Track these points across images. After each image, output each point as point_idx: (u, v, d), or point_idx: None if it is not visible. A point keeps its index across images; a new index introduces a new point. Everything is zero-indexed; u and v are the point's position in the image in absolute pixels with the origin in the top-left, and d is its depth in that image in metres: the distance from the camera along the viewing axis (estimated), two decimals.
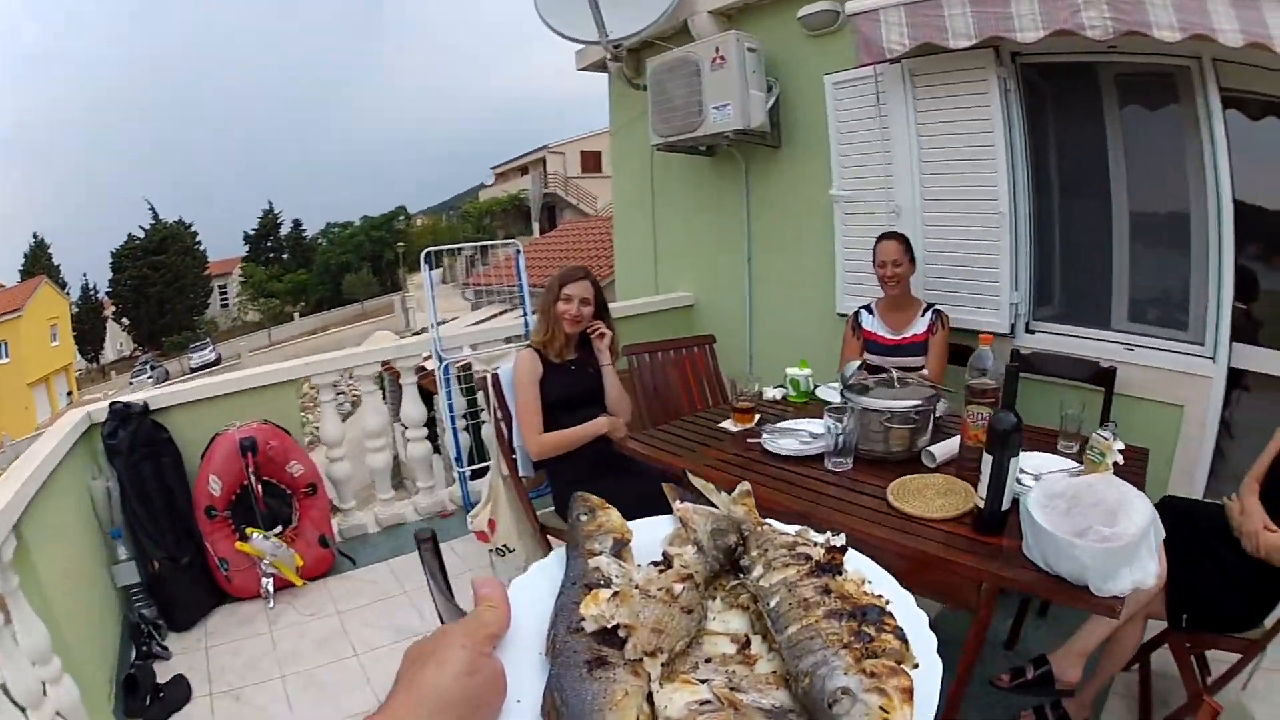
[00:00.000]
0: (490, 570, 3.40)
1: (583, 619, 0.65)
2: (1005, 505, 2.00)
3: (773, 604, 0.69)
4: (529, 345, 3.29)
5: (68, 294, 33.44)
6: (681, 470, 2.40)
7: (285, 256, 45.19)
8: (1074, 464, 2.40)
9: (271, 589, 3.68)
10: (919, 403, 2.60)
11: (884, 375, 2.84)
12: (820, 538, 0.79)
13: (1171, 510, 2.31)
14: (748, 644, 0.69)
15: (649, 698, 0.61)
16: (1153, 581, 1.69)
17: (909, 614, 0.69)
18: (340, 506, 4.48)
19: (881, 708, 0.56)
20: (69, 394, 29.19)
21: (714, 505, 0.89)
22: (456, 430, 4.62)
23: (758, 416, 3.14)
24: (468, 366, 4.61)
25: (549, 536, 3.25)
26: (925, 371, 3.38)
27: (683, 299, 5.70)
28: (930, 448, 2.58)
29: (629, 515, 0.87)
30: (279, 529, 3.84)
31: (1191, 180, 3.32)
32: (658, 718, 0.59)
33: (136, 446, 3.52)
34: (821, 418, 2.66)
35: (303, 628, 3.44)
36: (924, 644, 0.66)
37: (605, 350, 3.32)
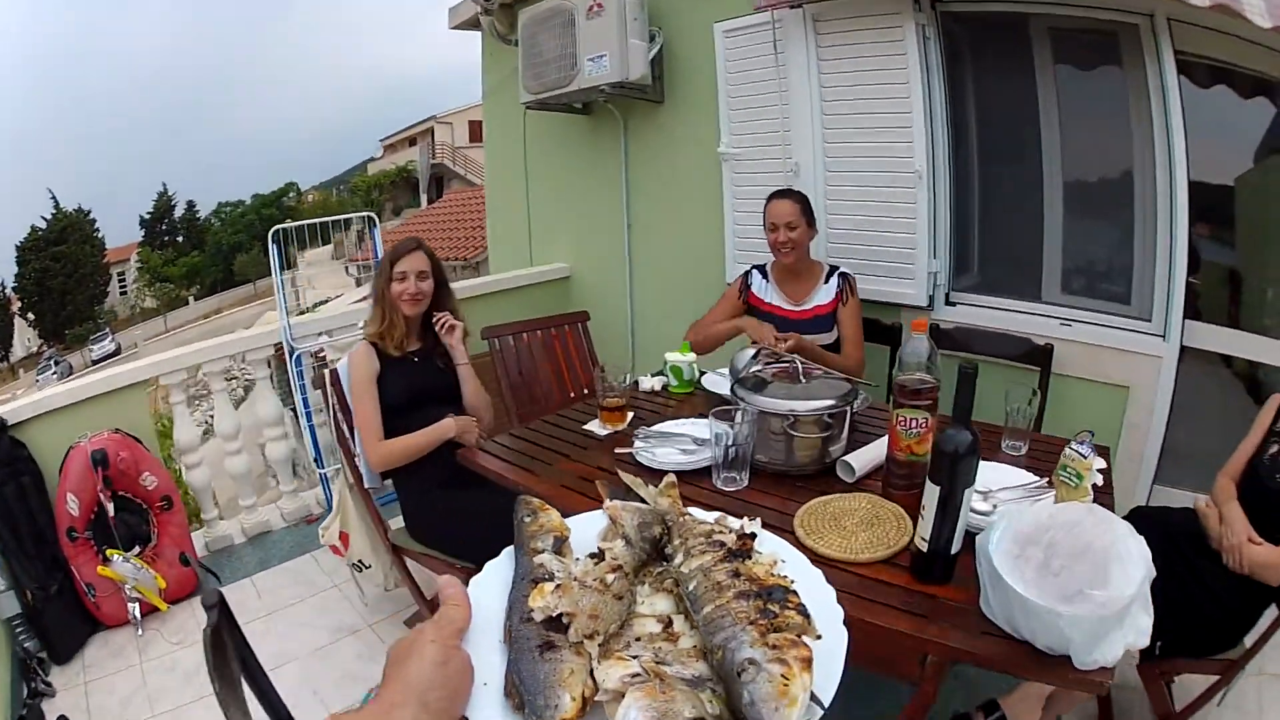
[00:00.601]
0: (354, 584, 3.11)
1: (532, 610, 0.73)
2: (956, 548, 1.52)
3: (690, 587, 0.78)
4: (364, 339, 2.81)
5: None
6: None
7: (180, 239, 42.95)
8: (1033, 478, 1.92)
9: (139, 615, 3.31)
10: (832, 402, 2.07)
11: (784, 362, 2.33)
12: (736, 524, 0.89)
13: (1145, 524, 1.48)
14: (671, 624, 0.78)
15: (591, 673, 0.69)
16: (1146, 640, 1.25)
17: (817, 591, 0.79)
18: (203, 517, 4.07)
19: (783, 675, 0.63)
20: None
21: (642, 498, 1.00)
22: (314, 427, 4.17)
23: (631, 415, 2.63)
24: (324, 356, 4.16)
25: (405, 558, 2.85)
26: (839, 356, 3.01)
27: (557, 271, 5.24)
28: (847, 457, 2.06)
29: (488, 533, 1.01)
30: (138, 549, 3.44)
31: (1137, 147, 2.97)
32: (598, 690, 0.67)
33: None
34: (709, 415, 2.09)
35: (172, 658, 3.11)
36: (830, 617, 0.75)
37: (459, 348, 2.88)
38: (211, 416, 4.77)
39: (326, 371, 2.88)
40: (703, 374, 2.95)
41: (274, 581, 3.62)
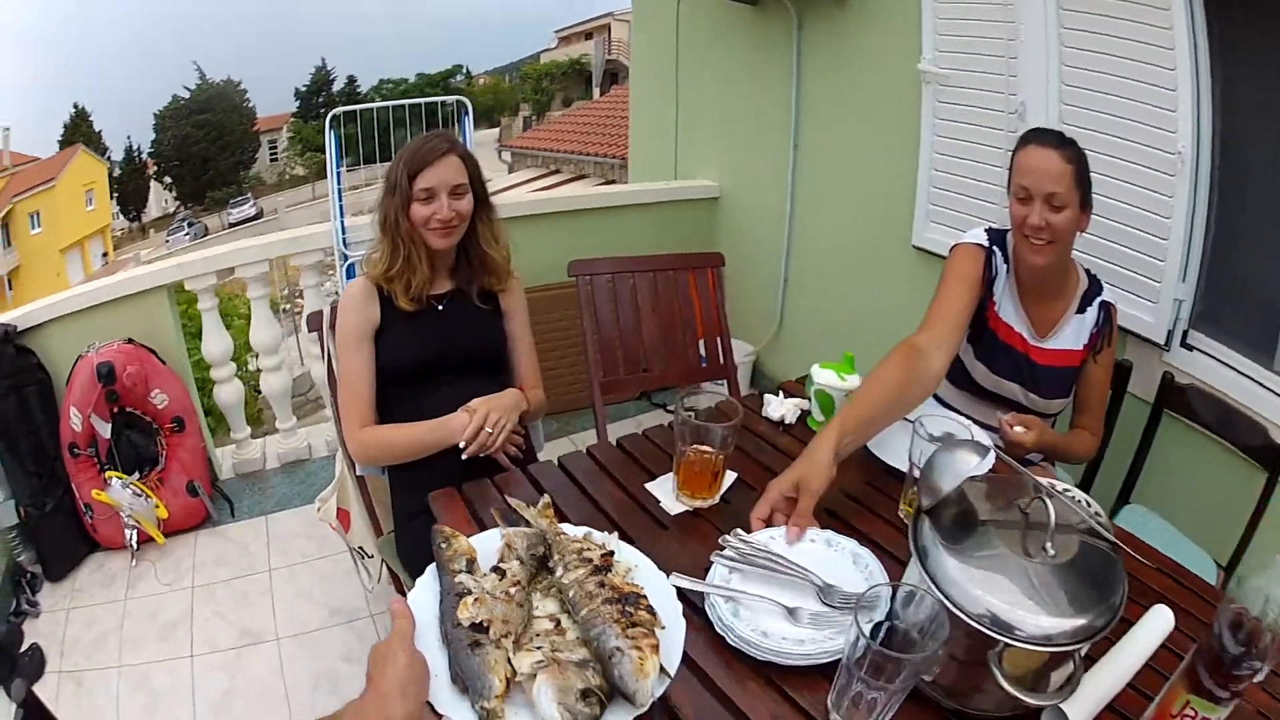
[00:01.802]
0: (355, 570, 2.72)
1: (460, 619, 1.11)
2: None
3: (570, 595, 1.18)
4: (364, 276, 2.22)
5: (108, 159, 34.07)
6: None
7: (344, 114, 44.87)
8: None
9: (135, 543, 3.30)
10: (1099, 622, 1.12)
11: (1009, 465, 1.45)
12: (600, 539, 1.33)
13: None
14: (559, 622, 1.18)
15: (509, 661, 1.08)
16: None
17: (662, 592, 1.24)
18: (234, 437, 3.95)
19: (639, 658, 1.04)
20: (104, 255, 29.87)
21: (527, 520, 1.43)
22: None
23: (730, 479, 1.79)
24: None
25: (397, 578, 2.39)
26: (1063, 437, 2.20)
27: (704, 190, 4.71)
28: (1066, 705, 1.16)
29: None
30: (144, 471, 3.42)
31: None
32: (516, 674, 1.06)
33: (0, 379, 3.17)
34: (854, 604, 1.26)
35: (156, 603, 3.08)
36: (671, 610, 1.19)
37: (519, 304, 2.36)
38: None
39: (324, 310, 2.34)
40: None
41: (289, 527, 3.48)
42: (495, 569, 1.24)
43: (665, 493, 1.75)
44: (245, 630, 2.92)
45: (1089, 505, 1.45)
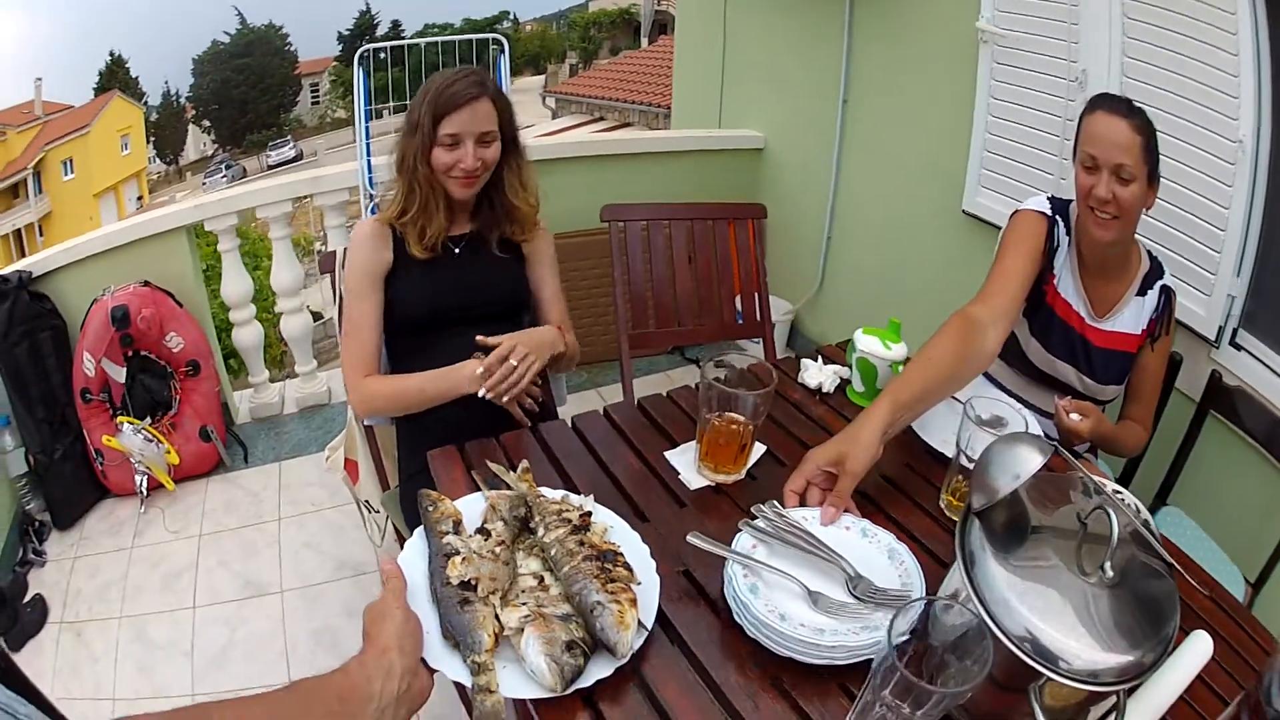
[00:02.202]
0: (362, 521, 2.70)
1: (449, 577, 1.18)
2: None
3: (552, 553, 1.26)
4: (376, 220, 2.07)
5: (145, 104, 34.70)
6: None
7: (382, 56, 45.04)
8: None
9: (145, 489, 3.31)
10: (1149, 658, 1.01)
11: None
12: (577, 500, 1.41)
13: None
14: (543, 579, 1.25)
15: (496, 617, 1.14)
16: None
17: (635, 549, 1.31)
18: (252, 380, 3.94)
19: (619, 611, 1.13)
20: (139, 199, 30.46)
21: (508, 484, 1.47)
22: None
23: (760, 451, 1.68)
24: None
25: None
26: (1116, 427, 2.12)
27: (749, 140, 4.54)
28: None
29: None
30: (157, 415, 3.43)
31: None
32: (504, 628, 1.13)
33: (14, 325, 3.17)
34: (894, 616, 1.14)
35: (161, 551, 3.10)
36: (646, 567, 1.28)
37: (545, 250, 2.22)
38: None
39: (337, 252, 2.25)
40: None
41: (301, 474, 3.46)
42: (480, 530, 1.30)
43: (686, 464, 1.63)
44: (249, 581, 2.91)
45: (1139, 513, 1.32)
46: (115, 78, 36.20)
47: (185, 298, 3.44)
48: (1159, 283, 2.07)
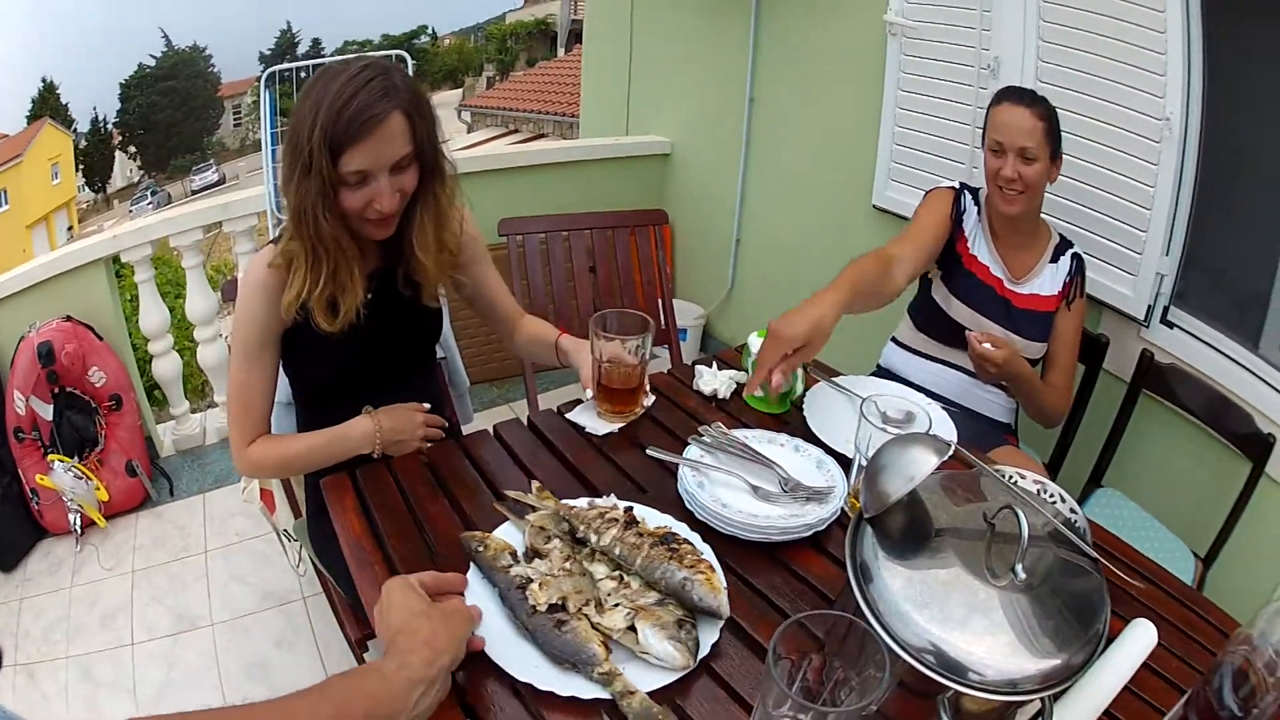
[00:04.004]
0: (284, 549, 2.76)
1: (534, 606, 1.16)
2: None
3: (617, 552, 1.27)
4: (270, 264, 1.61)
5: (74, 131, 33.83)
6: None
7: (303, 75, 44.28)
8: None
9: (79, 527, 3.24)
10: (1075, 661, 0.94)
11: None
12: (606, 503, 1.40)
13: None
14: (622, 578, 1.25)
15: (593, 627, 1.14)
16: None
17: (678, 526, 1.38)
18: (173, 412, 3.87)
19: (707, 578, 1.19)
20: (69, 229, 29.54)
21: (534, 506, 1.42)
22: None
23: (649, 400, 1.80)
24: None
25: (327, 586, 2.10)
26: (1034, 386, 2.23)
27: (655, 146, 4.52)
28: None
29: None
30: (84, 452, 3.36)
31: None
32: (610, 635, 1.14)
33: None
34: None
35: (97, 590, 3.05)
36: (694, 538, 1.35)
37: (475, 250, 1.91)
38: None
39: (231, 280, 2.18)
40: (806, 388, 1.86)
41: (225, 505, 3.40)
42: (533, 554, 1.30)
43: (589, 417, 1.75)
44: (181, 616, 2.87)
45: (1064, 501, 1.35)
46: (47, 105, 35.32)
47: (106, 331, 3.39)
48: (1070, 250, 2.27)
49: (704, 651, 1.15)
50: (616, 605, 1.18)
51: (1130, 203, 2.45)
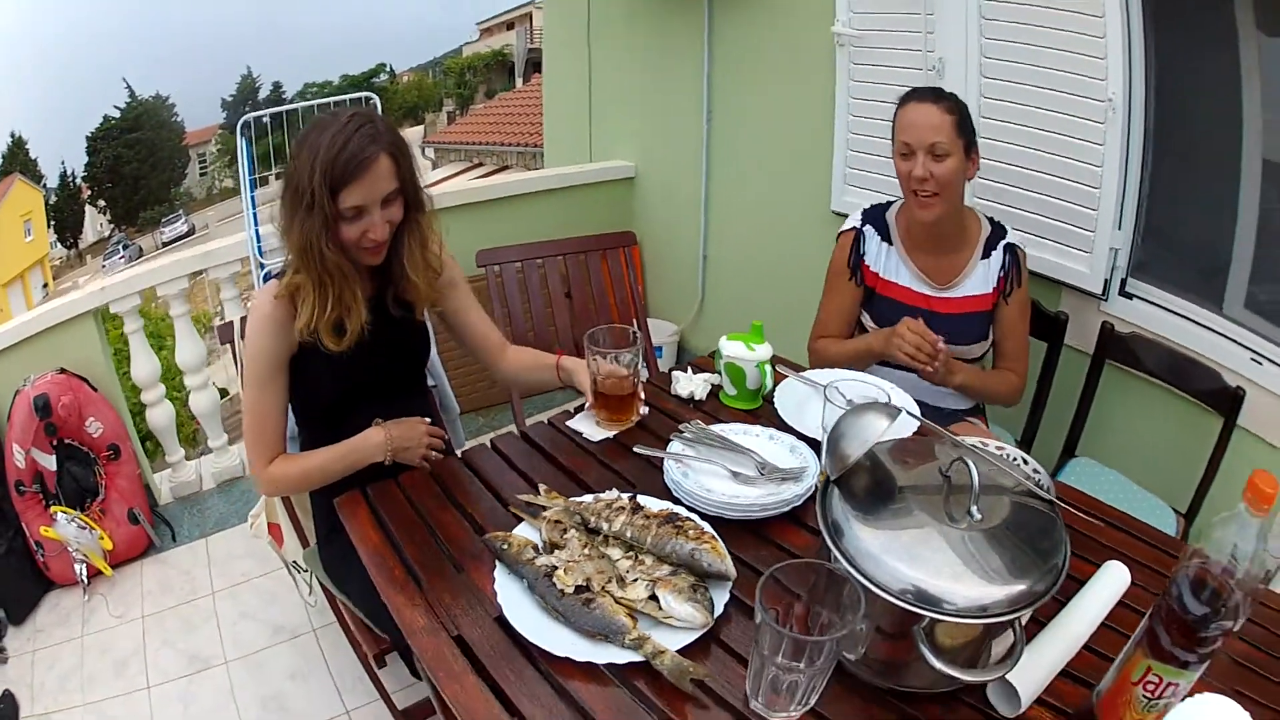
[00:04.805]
0: (294, 583, 2.75)
1: (562, 590, 1.30)
2: None
3: (629, 535, 1.43)
4: (275, 296, 1.80)
5: (44, 186, 33.29)
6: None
7: (264, 123, 43.94)
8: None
9: (86, 577, 3.24)
10: (1039, 587, 1.08)
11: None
12: (611, 495, 1.56)
13: None
14: (636, 556, 1.40)
15: (617, 601, 1.29)
16: None
17: (684, 512, 1.51)
18: (168, 460, 3.87)
19: (713, 548, 1.35)
20: (45, 286, 29.00)
21: (545, 505, 1.59)
22: None
23: (644, 409, 1.98)
24: None
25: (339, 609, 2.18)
26: (987, 383, 2.29)
27: (620, 170, 4.62)
28: (1012, 675, 1.11)
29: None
30: (86, 503, 3.36)
31: None
32: (634, 606, 1.29)
33: None
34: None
35: (109, 637, 3.03)
36: (696, 517, 1.48)
37: (453, 278, 2.11)
38: None
39: (226, 323, 2.25)
40: (775, 383, 2.04)
41: (228, 548, 3.42)
42: (552, 546, 1.45)
43: (588, 425, 1.94)
44: (194, 657, 2.88)
45: (1026, 463, 1.42)
46: (15, 160, 34.77)
47: (99, 382, 3.41)
48: (1002, 243, 2.22)
49: (719, 610, 1.30)
50: (636, 580, 1.33)
51: (1079, 184, 2.52)
